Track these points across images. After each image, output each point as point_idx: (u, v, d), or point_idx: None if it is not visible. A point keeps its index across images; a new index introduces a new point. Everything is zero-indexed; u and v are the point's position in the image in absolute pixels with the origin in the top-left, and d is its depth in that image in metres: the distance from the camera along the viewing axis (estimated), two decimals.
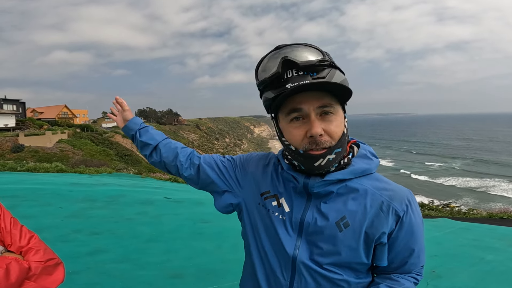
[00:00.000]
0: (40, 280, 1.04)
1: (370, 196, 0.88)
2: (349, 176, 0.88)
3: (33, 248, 1.10)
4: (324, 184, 0.87)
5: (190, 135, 73.86)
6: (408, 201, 0.90)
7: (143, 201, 6.83)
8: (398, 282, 0.91)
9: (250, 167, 1.05)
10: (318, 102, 0.82)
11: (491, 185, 34.56)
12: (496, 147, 65.43)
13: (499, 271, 3.55)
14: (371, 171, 0.92)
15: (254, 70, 0.92)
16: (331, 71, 0.82)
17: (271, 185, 0.98)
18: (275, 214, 0.94)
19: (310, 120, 0.82)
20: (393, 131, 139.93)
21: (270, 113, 0.92)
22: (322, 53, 0.83)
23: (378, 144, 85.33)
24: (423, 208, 10.93)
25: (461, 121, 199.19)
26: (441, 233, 5.36)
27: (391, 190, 0.90)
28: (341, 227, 0.87)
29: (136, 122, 1.22)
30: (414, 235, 0.90)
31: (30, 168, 13.59)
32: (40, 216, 5.14)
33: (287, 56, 0.80)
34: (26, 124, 39.08)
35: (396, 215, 0.88)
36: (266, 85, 0.85)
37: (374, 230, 0.87)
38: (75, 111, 64.25)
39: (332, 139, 0.83)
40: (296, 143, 0.85)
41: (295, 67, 0.80)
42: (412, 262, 0.92)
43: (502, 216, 8.39)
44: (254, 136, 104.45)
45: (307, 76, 0.80)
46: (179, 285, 2.98)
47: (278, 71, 0.81)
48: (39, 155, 27.59)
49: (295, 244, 0.90)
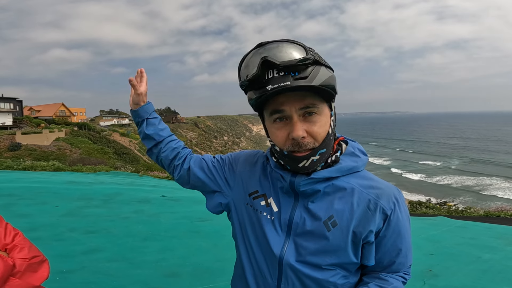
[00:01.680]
0: (25, 277, 1.05)
1: (357, 194, 0.87)
2: (336, 174, 0.87)
3: (17, 246, 1.11)
4: (311, 183, 0.86)
5: (189, 133, 73.76)
6: (395, 199, 0.89)
7: (140, 200, 6.82)
8: (387, 281, 0.90)
9: (238, 167, 1.04)
10: (300, 103, 0.79)
11: (487, 184, 34.73)
12: (494, 146, 65.69)
13: (496, 270, 3.55)
14: (359, 169, 0.91)
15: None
16: (314, 69, 0.78)
17: (259, 184, 0.97)
18: (263, 214, 0.93)
19: (292, 122, 0.81)
20: (391, 129, 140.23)
21: (257, 112, 0.91)
22: (306, 50, 0.78)
23: (375, 143, 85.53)
24: (420, 206, 10.96)
25: (459, 120, 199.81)
26: (438, 231, 5.37)
27: (378, 188, 0.89)
28: (329, 226, 0.86)
29: (147, 110, 1.15)
30: (402, 234, 0.90)
31: (27, 166, 13.55)
32: (36, 214, 5.12)
33: (267, 57, 0.76)
34: (23, 122, 38.91)
35: (383, 213, 0.87)
36: (247, 86, 0.83)
37: (361, 228, 0.86)
38: (73, 109, 63.94)
39: (315, 140, 0.82)
40: (280, 144, 0.84)
41: (275, 67, 0.77)
42: (400, 262, 0.92)
43: (499, 214, 8.42)
44: (253, 134, 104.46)
45: (288, 76, 0.76)
46: (175, 283, 2.97)
47: (258, 72, 0.77)
48: (36, 153, 27.48)
49: (283, 245, 0.89)
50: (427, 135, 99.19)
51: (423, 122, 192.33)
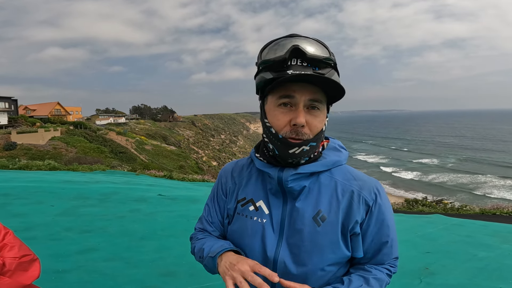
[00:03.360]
0: (15, 276, 1.04)
1: (340, 187, 0.92)
2: (321, 168, 0.91)
3: (7, 244, 1.11)
4: (298, 178, 0.89)
5: (186, 131, 73.57)
6: (376, 190, 0.93)
7: (136, 199, 6.78)
8: (370, 272, 0.92)
9: (225, 184, 1.05)
10: (310, 95, 0.84)
11: (482, 181, 34.98)
12: (489, 144, 66.12)
13: (492, 267, 3.57)
14: (341, 162, 0.95)
15: (251, 67, 0.94)
16: (331, 71, 0.85)
17: (246, 190, 0.99)
18: (253, 218, 0.95)
19: (297, 109, 0.85)
20: (387, 127, 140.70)
21: (260, 94, 0.94)
22: (329, 53, 0.87)
23: (371, 141, 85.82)
24: (417, 204, 11.01)
25: (455, 118, 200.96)
26: (434, 229, 5.39)
27: (360, 179, 0.94)
28: (318, 221, 0.89)
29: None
30: (385, 224, 0.93)
31: (23, 166, 13.44)
32: (32, 214, 5.08)
33: (298, 45, 0.82)
34: (19, 121, 38.66)
35: (366, 204, 0.91)
36: (267, 66, 0.86)
37: (348, 220, 0.90)
38: (69, 108, 63.57)
39: (311, 132, 0.87)
40: (278, 127, 0.87)
41: (301, 57, 0.83)
42: (385, 252, 0.94)
43: (494, 212, 8.46)
44: (250, 133, 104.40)
45: (309, 68, 0.83)
46: (172, 283, 2.96)
47: (285, 56, 0.82)
48: (31, 152, 27.31)
49: (276, 246, 0.91)
50: (423, 134, 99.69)
51: (419, 120, 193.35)
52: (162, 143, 53.14)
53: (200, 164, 48.82)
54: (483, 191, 31.01)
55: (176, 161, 42.21)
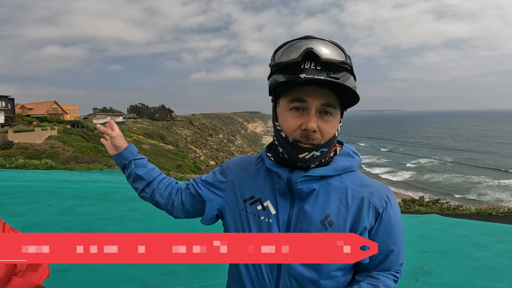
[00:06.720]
0: (26, 276, 1.04)
1: (350, 192, 0.90)
2: (332, 173, 0.89)
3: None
4: (307, 180, 0.88)
5: (184, 131, 73.44)
6: (387, 198, 0.92)
7: (135, 198, 6.76)
8: (378, 279, 0.91)
9: (230, 173, 1.04)
10: (322, 100, 0.82)
11: (476, 181, 35.16)
12: (485, 145, 66.38)
13: (487, 267, 3.61)
14: (353, 168, 0.94)
15: (251, 67, 0.92)
16: (346, 75, 0.83)
17: (254, 189, 0.97)
18: (260, 218, 0.94)
19: (309, 114, 0.83)
20: (384, 127, 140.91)
21: (272, 96, 0.93)
22: (346, 56, 0.84)
23: (369, 142, 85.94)
24: (413, 204, 11.06)
25: (453, 118, 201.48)
26: (430, 229, 5.43)
27: (371, 186, 0.92)
28: (326, 225, 0.88)
29: (132, 151, 1.15)
30: (393, 232, 0.92)
31: (19, 165, 13.37)
32: (29, 213, 5.07)
33: (312, 48, 0.80)
34: (15, 120, 38.38)
35: (375, 211, 0.90)
36: (280, 68, 0.85)
37: (356, 226, 0.88)
38: (66, 107, 63.20)
39: (322, 138, 0.85)
40: (288, 131, 0.86)
41: (315, 61, 0.80)
42: (392, 259, 0.93)
43: (490, 212, 8.52)
44: (248, 132, 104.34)
45: (323, 72, 0.80)
46: (171, 281, 2.98)
47: (298, 59, 0.80)
48: (28, 151, 27.15)
49: None
50: (420, 134, 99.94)
51: (417, 120, 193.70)
52: (160, 142, 52.98)
53: (198, 164, 48.73)
54: (478, 191, 31.17)
55: (174, 161, 42.11)
